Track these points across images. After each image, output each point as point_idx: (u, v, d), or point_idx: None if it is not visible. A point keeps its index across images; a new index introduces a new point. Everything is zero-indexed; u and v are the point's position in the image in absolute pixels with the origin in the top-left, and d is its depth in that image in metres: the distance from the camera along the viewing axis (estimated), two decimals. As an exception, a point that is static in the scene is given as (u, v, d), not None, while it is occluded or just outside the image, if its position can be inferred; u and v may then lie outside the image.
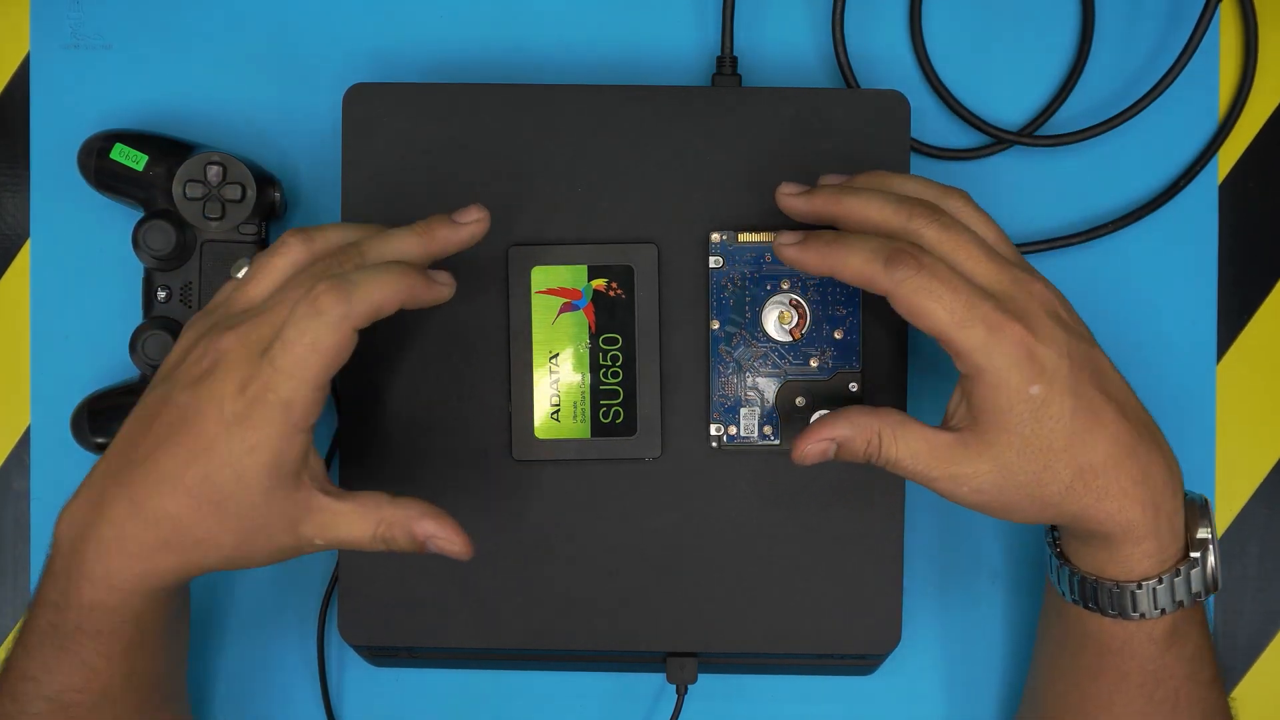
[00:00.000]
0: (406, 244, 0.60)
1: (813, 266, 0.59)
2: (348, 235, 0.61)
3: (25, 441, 0.72)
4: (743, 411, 0.66)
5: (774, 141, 0.66)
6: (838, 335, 0.66)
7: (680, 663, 0.67)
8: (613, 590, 0.66)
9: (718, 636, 0.67)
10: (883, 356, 0.66)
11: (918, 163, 0.72)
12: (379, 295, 0.57)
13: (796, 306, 0.66)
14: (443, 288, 0.60)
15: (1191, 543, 0.60)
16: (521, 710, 0.72)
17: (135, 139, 0.69)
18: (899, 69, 0.73)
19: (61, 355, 0.72)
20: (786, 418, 0.66)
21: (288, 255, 0.60)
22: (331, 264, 0.58)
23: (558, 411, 0.66)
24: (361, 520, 0.59)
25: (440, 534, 0.59)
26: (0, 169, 0.73)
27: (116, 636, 0.59)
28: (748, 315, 0.66)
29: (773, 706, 0.72)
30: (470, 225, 0.61)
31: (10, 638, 0.62)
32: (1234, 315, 0.73)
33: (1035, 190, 0.73)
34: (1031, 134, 0.72)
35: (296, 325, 0.56)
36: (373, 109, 0.66)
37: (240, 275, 0.61)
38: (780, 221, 0.66)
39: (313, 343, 0.56)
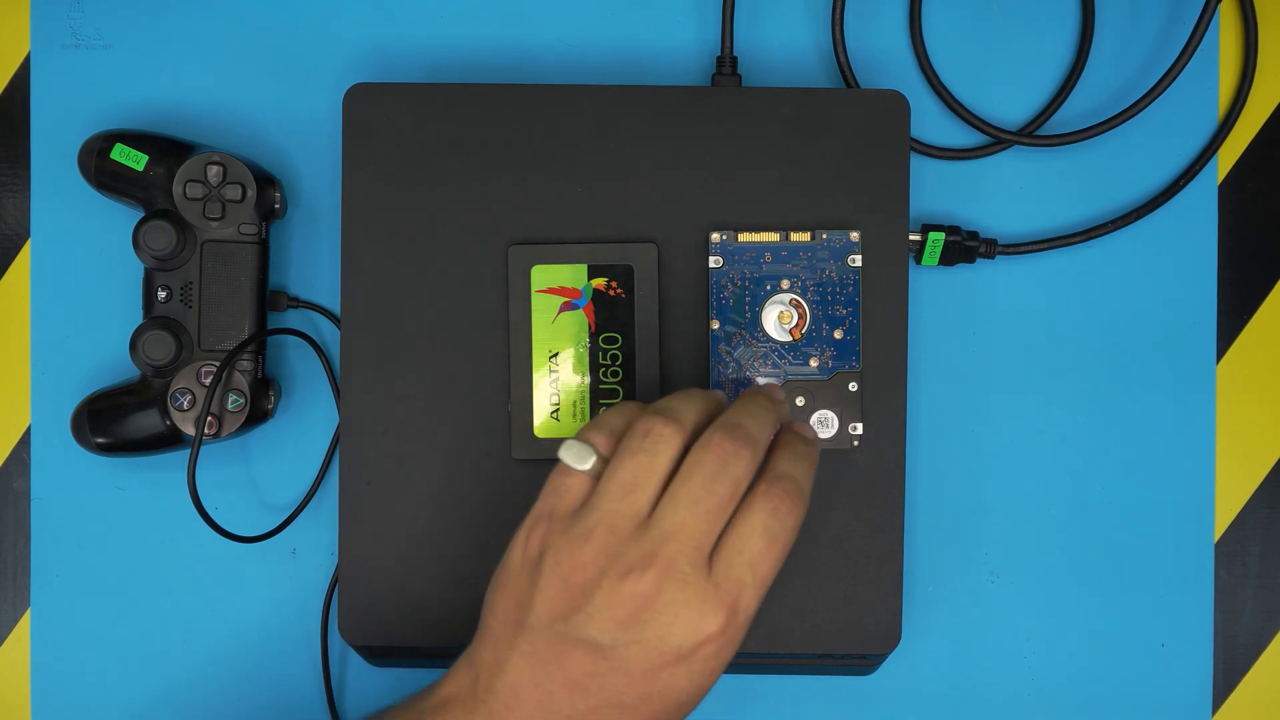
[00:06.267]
0: (770, 414, 0.59)
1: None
2: (704, 405, 0.58)
3: (25, 441, 0.72)
4: (743, 411, 0.66)
5: (774, 141, 0.66)
6: (838, 335, 0.66)
7: (680, 663, 0.67)
8: (613, 590, 0.66)
9: (718, 636, 0.67)
10: (883, 356, 0.66)
11: (917, 162, 0.72)
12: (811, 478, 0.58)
13: (796, 306, 0.66)
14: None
15: None
16: (521, 710, 0.72)
17: (135, 139, 0.69)
18: (899, 69, 0.73)
19: (61, 355, 0.72)
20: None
21: (668, 449, 0.56)
22: (733, 451, 0.56)
23: (558, 411, 0.66)
24: None
25: None
26: (0, 169, 0.73)
27: None
28: (748, 315, 0.66)
29: (773, 706, 0.72)
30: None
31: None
32: (1234, 315, 0.73)
33: (1035, 190, 0.73)
34: (1031, 134, 0.72)
35: (767, 535, 0.55)
36: (373, 109, 0.66)
37: (587, 466, 0.56)
38: (780, 221, 0.66)
39: (779, 555, 0.56)
